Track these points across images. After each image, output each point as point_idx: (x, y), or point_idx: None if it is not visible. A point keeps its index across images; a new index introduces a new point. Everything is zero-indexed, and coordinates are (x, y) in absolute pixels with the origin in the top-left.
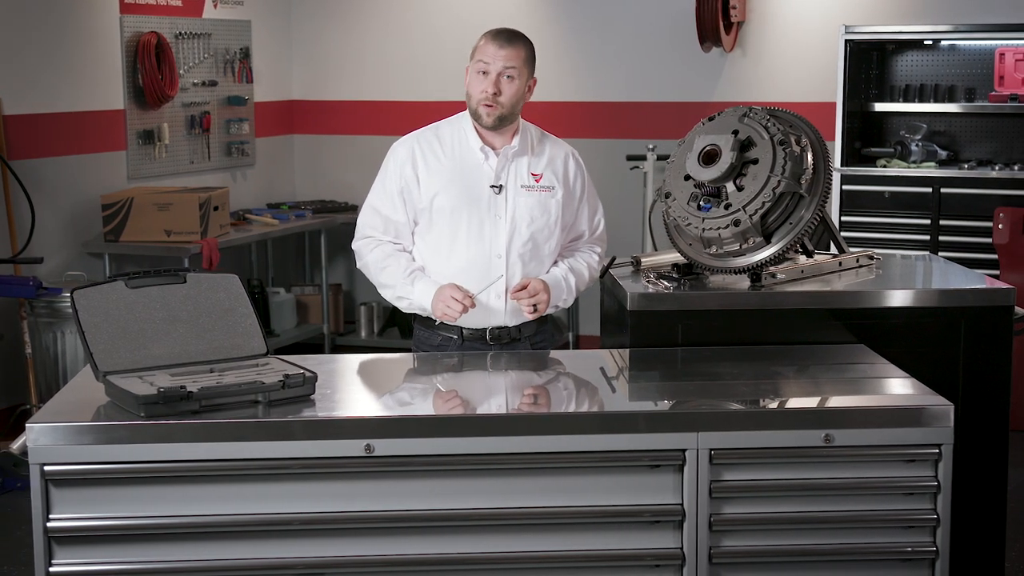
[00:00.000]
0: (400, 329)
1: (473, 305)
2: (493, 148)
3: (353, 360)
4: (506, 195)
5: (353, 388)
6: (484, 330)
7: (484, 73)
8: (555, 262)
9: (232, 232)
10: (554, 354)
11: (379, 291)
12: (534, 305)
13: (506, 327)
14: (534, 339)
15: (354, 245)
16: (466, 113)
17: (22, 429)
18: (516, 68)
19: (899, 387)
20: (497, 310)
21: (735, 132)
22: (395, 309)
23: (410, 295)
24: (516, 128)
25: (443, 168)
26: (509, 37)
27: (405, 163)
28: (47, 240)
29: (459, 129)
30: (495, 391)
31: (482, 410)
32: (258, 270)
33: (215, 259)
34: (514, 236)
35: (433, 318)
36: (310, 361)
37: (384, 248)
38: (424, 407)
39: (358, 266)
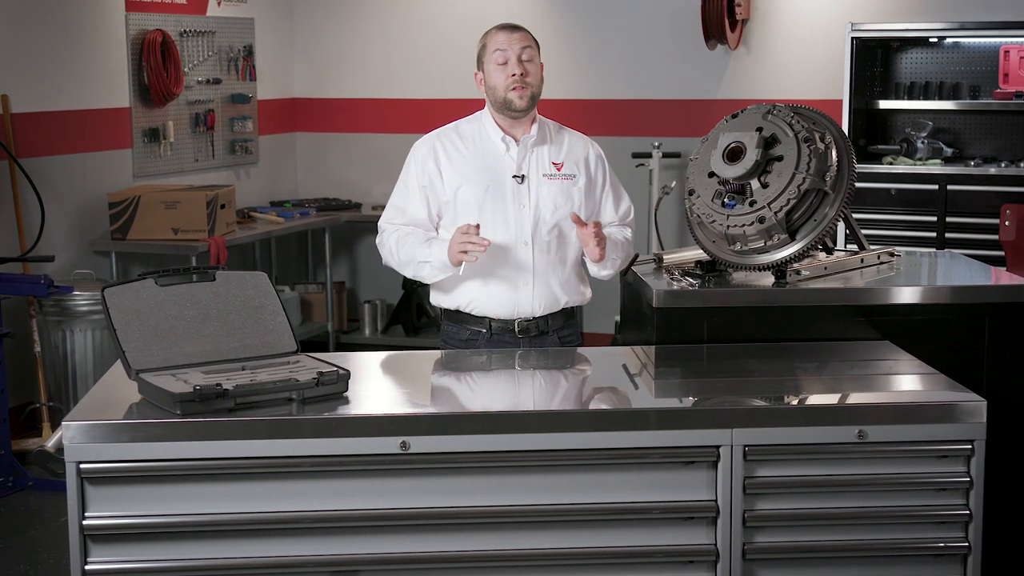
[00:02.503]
0: (404, 327)
1: (487, 241)
2: (513, 139)
3: (380, 357)
4: (528, 184)
5: (385, 386)
6: (512, 322)
7: (504, 62)
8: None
9: (237, 230)
10: (582, 351)
11: (403, 272)
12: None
13: (534, 319)
14: (561, 332)
15: (377, 241)
16: (484, 111)
17: (31, 427)
18: (531, 48)
19: (929, 383)
20: (525, 302)
21: (759, 129)
22: (399, 307)
23: (429, 257)
24: (532, 118)
25: (465, 161)
26: (513, 24)
27: (427, 159)
28: (53, 238)
29: (479, 124)
30: (528, 387)
31: (517, 406)
32: (262, 268)
33: (223, 257)
34: (539, 224)
35: (462, 310)
36: (337, 359)
37: (401, 231)
38: (458, 404)
39: (383, 261)
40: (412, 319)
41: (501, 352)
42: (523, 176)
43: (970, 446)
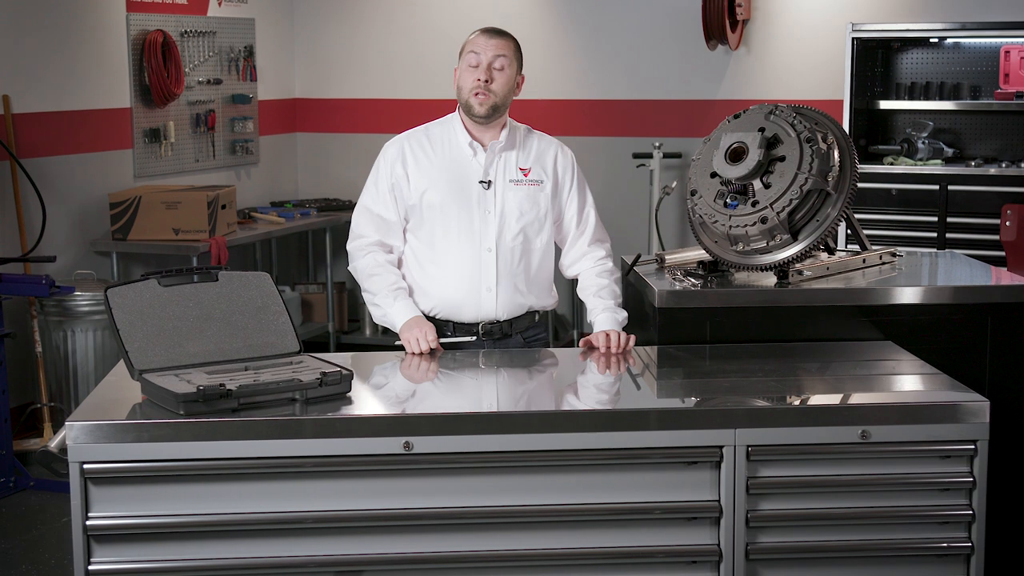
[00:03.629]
0: None
1: (438, 349)
2: (481, 144)
3: (383, 357)
4: (495, 190)
5: (388, 386)
6: (476, 325)
7: (474, 66)
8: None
9: (238, 230)
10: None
11: (362, 294)
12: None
13: (497, 322)
14: (526, 334)
15: (348, 247)
16: (455, 114)
17: (32, 428)
18: (507, 57)
19: (932, 383)
20: (488, 307)
21: (762, 129)
22: None
23: (388, 308)
24: (503, 124)
25: (432, 165)
26: (498, 30)
27: (395, 161)
28: (54, 238)
29: (449, 127)
30: (531, 389)
31: (521, 407)
32: (263, 268)
33: (223, 258)
34: (504, 230)
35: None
36: (340, 359)
37: (377, 256)
38: (461, 404)
39: (349, 268)
40: None
41: (504, 352)
42: (489, 182)
43: (973, 446)
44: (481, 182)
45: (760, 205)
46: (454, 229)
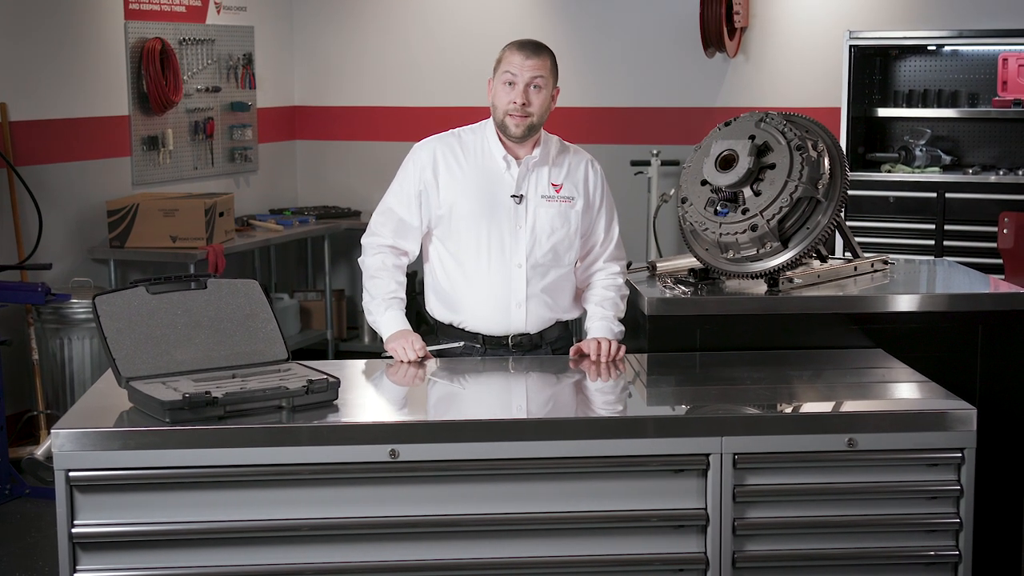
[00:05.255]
0: None
1: (425, 357)
2: (515, 157)
3: (372, 365)
4: (527, 205)
5: (376, 393)
6: (506, 337)
7: (511, 84)
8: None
9: (236, 238)
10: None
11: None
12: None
13: (527, 334)
14: (555, 344)
15: (363, 240)
16: (489, 121)
17: (29, 435)
18: (543, 78)
19: (920, 391)
20: (517, 321)
21: (752, 137)
22: None
23: (379, 316)
24: (538, 139)
25: (465, 175)
26: (535, 48)
27: (426, 167)
28: (52, 246)
29: (482, 137)
30: (519, 395)
31: (506, 415)
32: (261, 276)
33: (221, 265)
34: (535, 247)
35: (455, 325)
36: (329, 367)
37: (386, 259)
38: (447, 412)
39: (358, 260)
40: (414, 328)
41: (492, 359)
42: (521, 196)
43: (960, 454)
44: (513, 196)
45: (750, 213)
46: (484, 243)
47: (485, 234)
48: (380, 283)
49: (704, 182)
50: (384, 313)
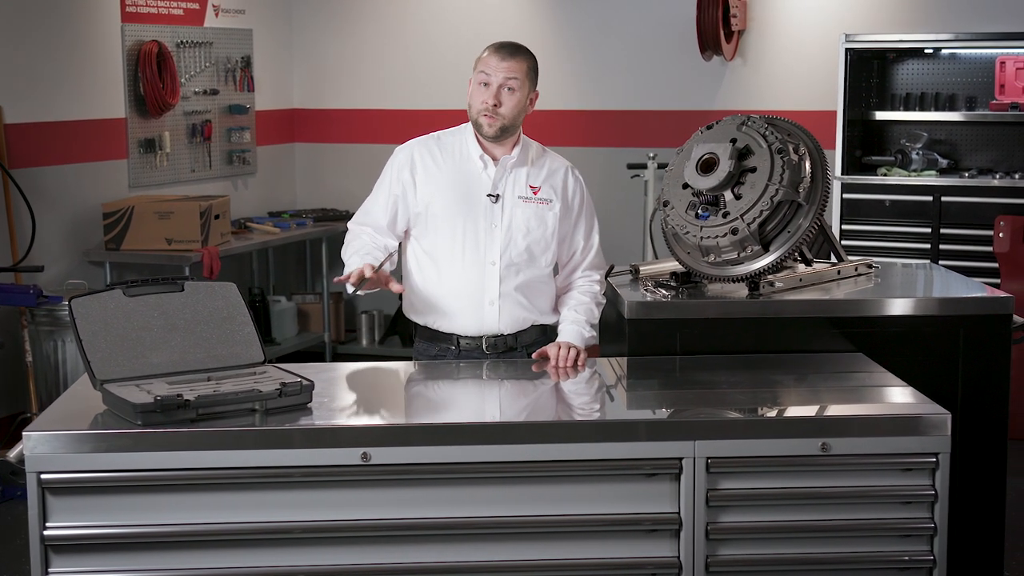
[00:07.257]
0: (401, 338)
1: (372, 270)
2: (493, 158)
3: (350, 368)
4: (503, 204)
5: (350, 396)
6: (480, 339)
7: (485, 84)
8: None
9: (233, 240)
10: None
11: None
12: (575, 362)
13: (502, 335)
14: (531, 348)
15: (349, 224)
16: (469, 124)
17: (22, 438)
18: (517, 80)
19: (897, 396)
20: (491, 321)
21: (733, 140)
22: (396, 317)
23: (347, 260)
24: (517, 140)
25: (442, 173)
26: (512, 50)
27: (403, 167)
28: (48, 249)
29: (461, 138)
30: (492, 399)
31: (479, 418)
32: (259, 278)
33: (216, 267)
34: (509, 245)
35: (431, 327)
36: (308, 369)
37: (369, 233)
38: (421, 415)
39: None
40: (409, 329)
41: (468, 363)
42: (498, 196)
43: (935, 459)
44: (489, 195)
45: (731, 216)
46: (459, 241)
47: (460, 231)
48: (359, 241)
49: (686, 185)
50: (352, 256)
